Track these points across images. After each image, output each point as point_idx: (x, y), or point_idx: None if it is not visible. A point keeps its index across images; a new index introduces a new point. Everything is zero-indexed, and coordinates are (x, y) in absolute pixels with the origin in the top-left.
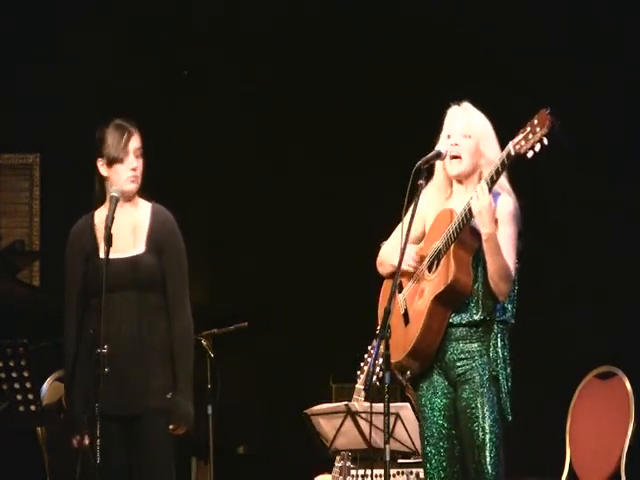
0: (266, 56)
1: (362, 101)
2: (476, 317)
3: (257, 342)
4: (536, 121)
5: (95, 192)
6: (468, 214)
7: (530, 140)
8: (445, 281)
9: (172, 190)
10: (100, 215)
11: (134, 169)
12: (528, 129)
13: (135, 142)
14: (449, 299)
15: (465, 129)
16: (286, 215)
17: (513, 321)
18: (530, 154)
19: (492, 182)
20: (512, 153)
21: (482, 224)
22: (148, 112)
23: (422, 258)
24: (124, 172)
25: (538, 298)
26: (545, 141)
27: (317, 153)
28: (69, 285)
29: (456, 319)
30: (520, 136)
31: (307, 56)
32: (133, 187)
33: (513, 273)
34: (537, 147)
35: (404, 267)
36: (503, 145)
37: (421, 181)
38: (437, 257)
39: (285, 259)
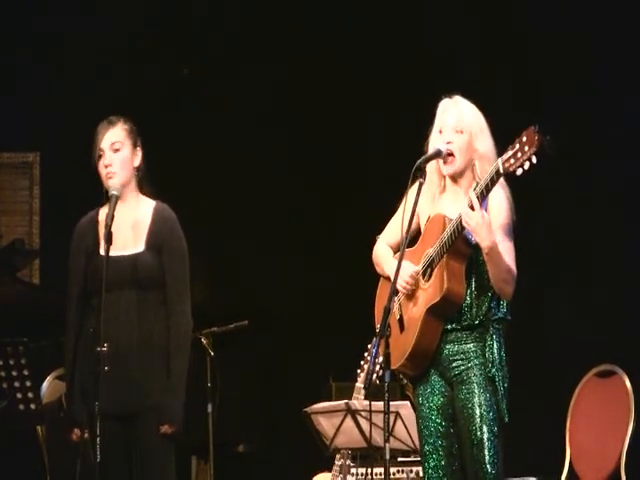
0: (266, 55)
1: (363, 100)
2: (471, 321)
3: (257, 341)
4: (525, 138)
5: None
6: (460, 227)
7: (519, 158)
8: (439, 293)
9: (172, 189)
10: (104, 212)
11: (107, 165)
12: (517, 146)
13: (112, 136)
14: (443, 309)
15: (457, 124)
16: (286, 215)
17: (509, 317)
18: (519, 172)
19: (482, 197)
20: (501, 171)
21: (481, 240)
22: (147, 111)
23: (417, 280)
24: (102, 169)
25: (538, 297)
26: (534, 159)
27: (317, 154)
28: (70, 283)
29: (451, 324)
30: (509, 153)
31: (309, 54)
32: (111, 183)
33: (515, 272)
34: (526, 165)
35: (399, 287)
36: (496, 137)
37: (421, 179)
38: (430, 265)
39: (285, 258)
